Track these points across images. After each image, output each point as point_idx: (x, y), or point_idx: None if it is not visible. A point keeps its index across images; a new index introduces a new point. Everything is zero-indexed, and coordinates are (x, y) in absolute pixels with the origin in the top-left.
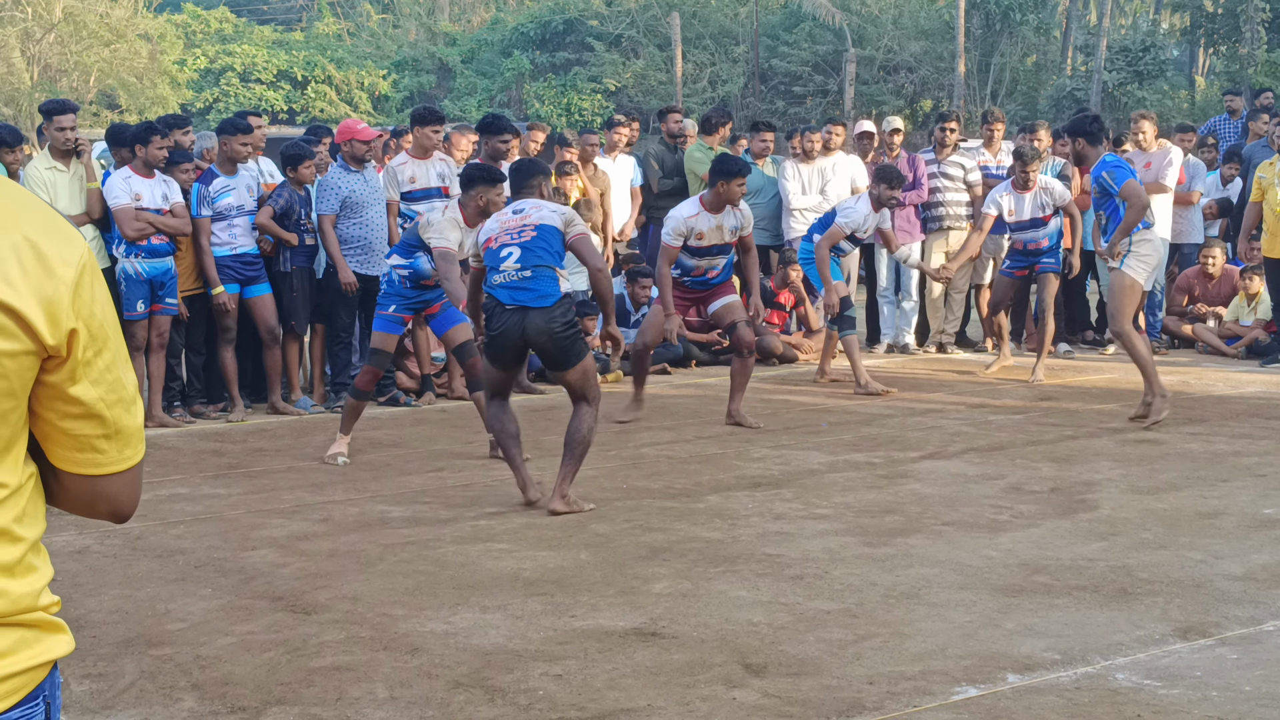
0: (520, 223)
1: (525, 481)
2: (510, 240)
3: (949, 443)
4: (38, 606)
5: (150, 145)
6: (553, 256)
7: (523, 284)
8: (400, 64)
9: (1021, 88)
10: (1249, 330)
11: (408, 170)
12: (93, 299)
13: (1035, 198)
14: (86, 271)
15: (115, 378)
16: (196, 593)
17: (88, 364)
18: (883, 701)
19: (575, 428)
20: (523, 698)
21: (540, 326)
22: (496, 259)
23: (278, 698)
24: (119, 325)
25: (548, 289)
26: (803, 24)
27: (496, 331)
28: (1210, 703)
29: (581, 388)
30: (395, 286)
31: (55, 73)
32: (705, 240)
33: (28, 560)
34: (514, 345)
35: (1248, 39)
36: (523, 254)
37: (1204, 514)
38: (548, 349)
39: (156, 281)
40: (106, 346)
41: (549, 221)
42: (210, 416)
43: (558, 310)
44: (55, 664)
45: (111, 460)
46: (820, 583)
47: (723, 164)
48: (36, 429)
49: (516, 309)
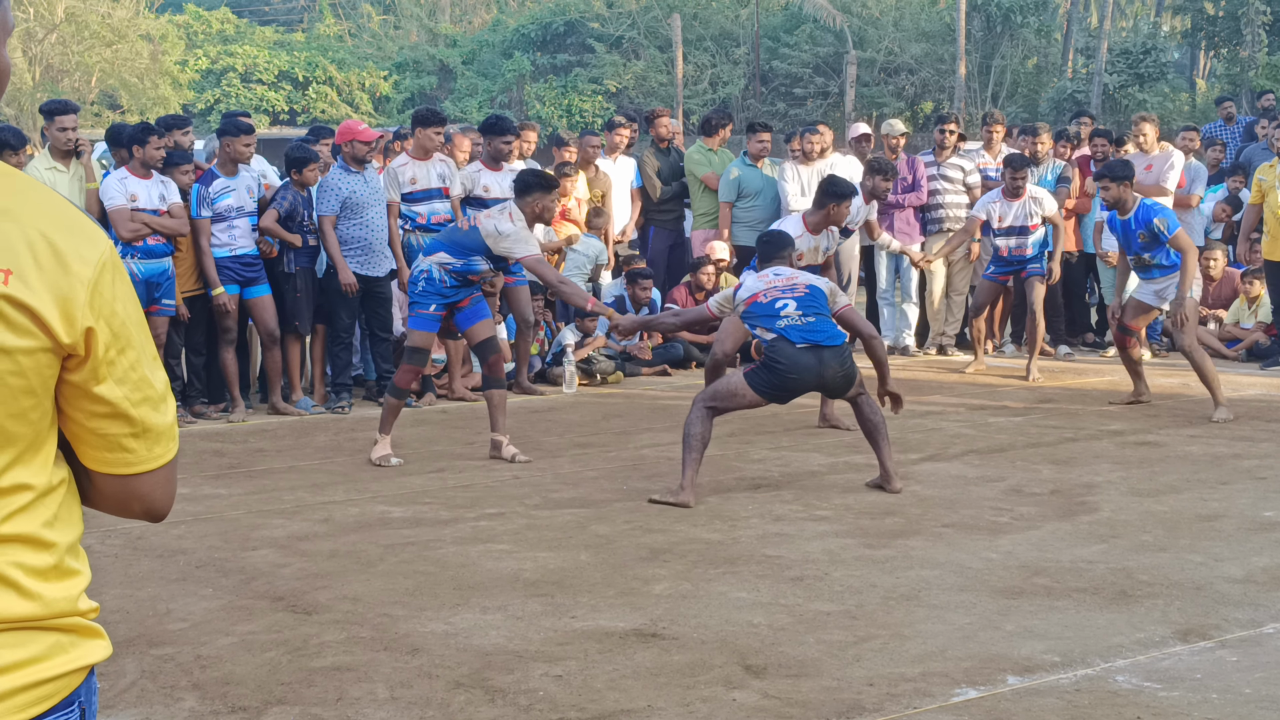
0: (790, 281)
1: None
2: (782, 294)
3: (949, 445)
4: (76, 611)
5: (147, 146)
6: (826, 309)
7: (810, 327)
8: (401, 65)
9: (1022, 90)
10: (1249, 333)
11: (408, 171)
12: (114, 297)
13: (1024, 206)
14: (107, 270)
15: (141, 376)
16: (197, 593)
17: (111, 363)
18: (883, 703)
19: (865, 418)
20: (523, 698)
21: (834, 366)
22: (772, 309)
23: (278, 698)
24: (145, 324)
25: (834, 331)
26: (803, 26)
27: (790, 370)
28: (1210, 705)
29: (854, 395)
30: (435, 285)
31: (57, 73)
32: (803, 260)
33: (65, 564)
34: (806, 383)
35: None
36: (799, 304)
37: (1204, 516)
38: (838, 385)
39: (153, 283)
40: (130, 345)
41: (816, 284)
42: (211, 417)
43: (846, 350)
44: (92, 669)
45: (142, 459)
46: (820, 584)
47: (833, 186)
48: (66, 429)
49: (811, 347)
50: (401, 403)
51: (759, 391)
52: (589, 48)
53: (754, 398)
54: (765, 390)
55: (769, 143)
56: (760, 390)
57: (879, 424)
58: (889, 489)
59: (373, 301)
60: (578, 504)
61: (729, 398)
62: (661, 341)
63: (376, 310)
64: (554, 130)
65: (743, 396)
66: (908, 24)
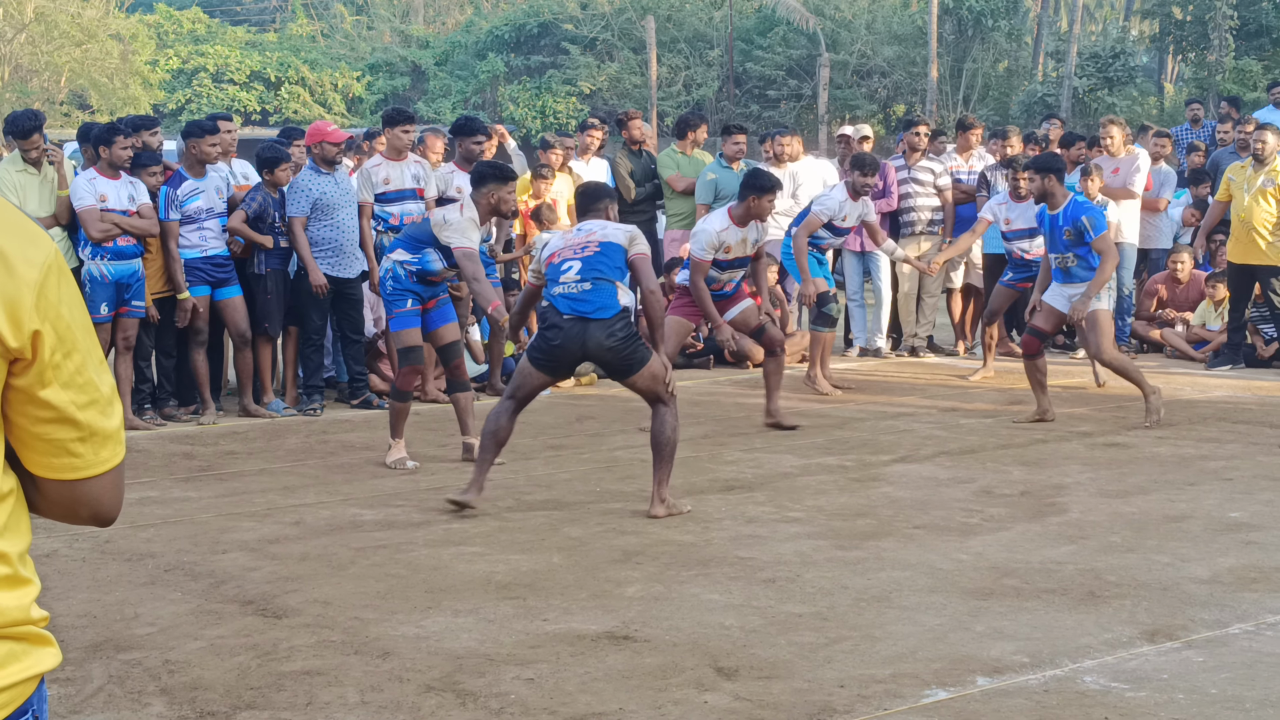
0: (585, 239)
1: (478, 483)
2: (573, 255)
3: (920, 446)
4: (29, 620)
5: (114, 146)
6: (613, 270)
7: (581, 295)
8: (374, 66)
9: (993, 93)
10: (1215, 335)
11: (382, 172)
12: (59, 300)
13: (1030, 207)
14: (53, 273)
15: (87, 379)
16: (166, 596)
17: (56, 367)
18: (853, 704)
19: (658, 430)
20: (494, 701)
21: (599, 340)
22: (557, 272)
23: (247, 702)
24: (91, 328)
25: (606, 301)
26: (777, 28)
27: (555, 342)
28: (1176, 705)
29: (653, 391)
30: (404, 282)
31: (26, 73)
32: (731, 254)
33: (18, 573)
34: (571, 356)
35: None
36: (583, 266)
37: (1171, 517)
38: (609, 361)
39: (123, 284)
40: (76, 349)
41: (613, 239)
42: (181, 419)
43: (617, 324)
44: (43, 678)
45: (89, 463)
46: (792, 586)
47: (755, 179)
48: (11, 436)
49: (575, 319)
50: (407, 405)
51: (535, 364)
52: (563, 49)
53: (534, 373)
54: (539, 360)
55: (744, 144)
56: (535, 362)
57: (667, 441)
58: (650, 512)
59: (344, 303)
60: (550, 506)
61: (519, 379)
62: None
63: (348, 312)
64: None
65: (528, 374)
66: (880, 27)
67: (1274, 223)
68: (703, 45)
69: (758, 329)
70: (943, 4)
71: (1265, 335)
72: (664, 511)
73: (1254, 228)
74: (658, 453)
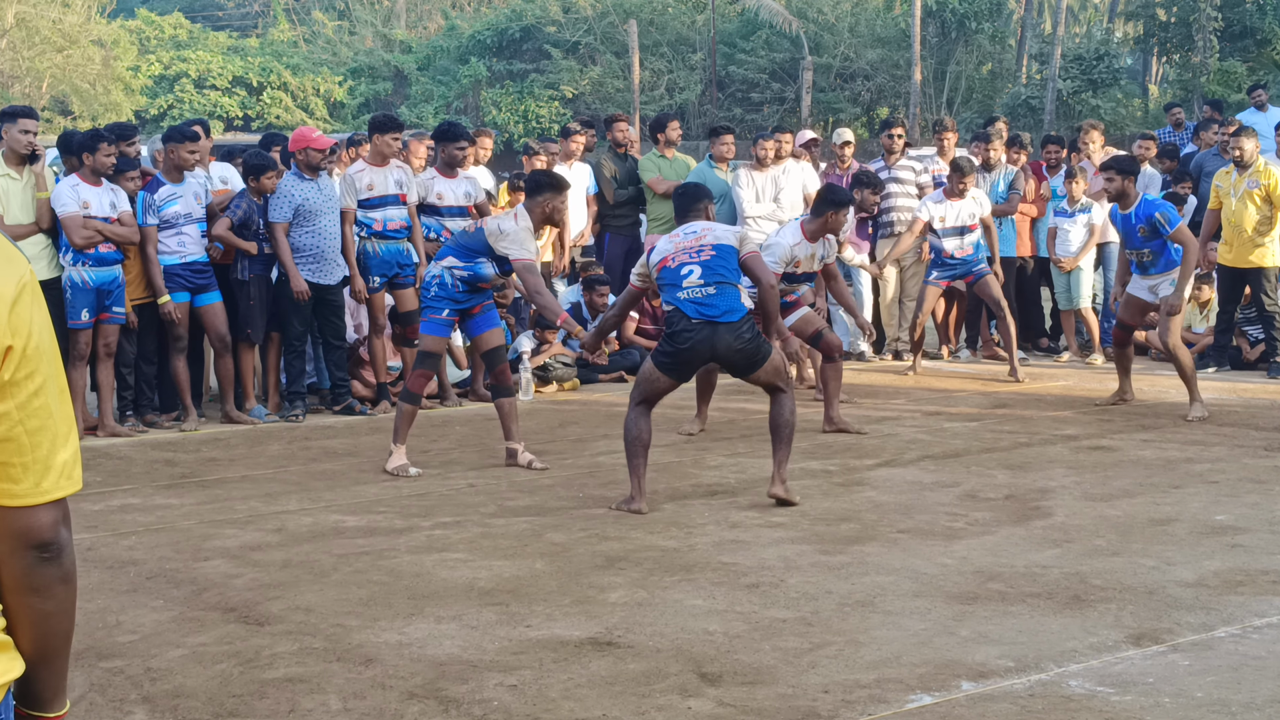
0: (696, 243)
1: (640, 491)
2: (690, 259)
3: (904, 450)
4: None
5: (98, 153)
6: (732, 273)
7: (708, 300)
8: (356, 71)
9: (978, 95)
10: (1201, 337)
11: (365, 178)
12: (31, 319)
13: (965, 207)
14: (26, 291)
15: (43, 404)
16: (148, 604)
17: (16, 384)
18: (838, 710)
19: (777, 414)
20: (477, 708)
21: (728, 342)
22: (675, 276)
23: (230, 710)
24: (58, 355)
25: (733, 304)
26: (759, 31)
27: (685, 346)
28: (1162, 709)
29: (773, 381)
30: (448, 290)
31: (7, 79)
32: (801, 268)
33: None
34: (700, 359)
35: (1200, 48)
36: (704, 271)
37: (1157, 521)
38: (736, 361)
39: (104, 290)
40: (38, 371)
41: (724, 240)
42: (163, 426)
43: (744, 326)
44: (10, 687)
45: (27, 491)
46: (776, 591)
47: (832, 194)
48: None
49: (704, 323)
50: (416, 409)
51: (662, 369)
52: (545, 54)
53: (661, 377)
54: (667, 365)
55: (732, 144)
56: (662, 366)
57: (786, 424)
58: (770, 491)
59: (326, 310)
60: (533, 512)
61: (645, 384)
62: (619, 348)
63: (330, 318)
64: (510, 136)
65: (655, 378)
66: (863, 30)
67: (1260, 224)
68: (685, 49)
69: (815, 334)
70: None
71: (1250, 337)
72: (783, 492)
73: (1244, 230)
74: (777, 436)
